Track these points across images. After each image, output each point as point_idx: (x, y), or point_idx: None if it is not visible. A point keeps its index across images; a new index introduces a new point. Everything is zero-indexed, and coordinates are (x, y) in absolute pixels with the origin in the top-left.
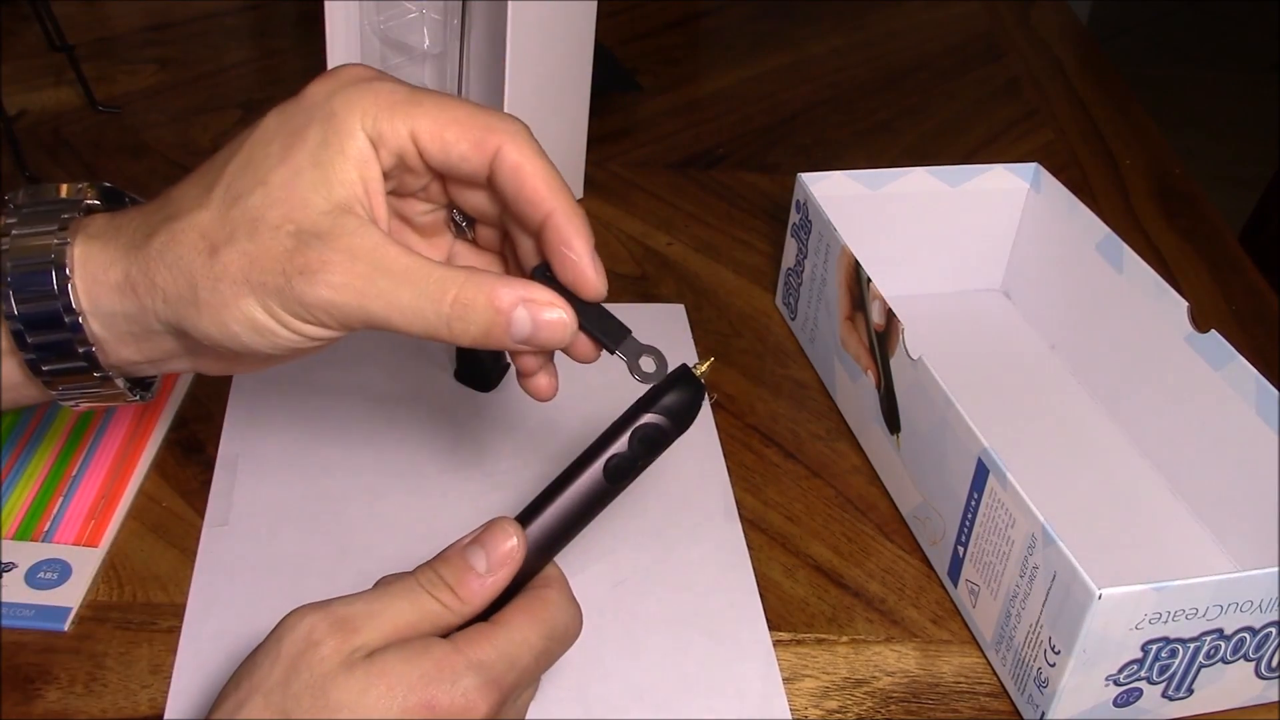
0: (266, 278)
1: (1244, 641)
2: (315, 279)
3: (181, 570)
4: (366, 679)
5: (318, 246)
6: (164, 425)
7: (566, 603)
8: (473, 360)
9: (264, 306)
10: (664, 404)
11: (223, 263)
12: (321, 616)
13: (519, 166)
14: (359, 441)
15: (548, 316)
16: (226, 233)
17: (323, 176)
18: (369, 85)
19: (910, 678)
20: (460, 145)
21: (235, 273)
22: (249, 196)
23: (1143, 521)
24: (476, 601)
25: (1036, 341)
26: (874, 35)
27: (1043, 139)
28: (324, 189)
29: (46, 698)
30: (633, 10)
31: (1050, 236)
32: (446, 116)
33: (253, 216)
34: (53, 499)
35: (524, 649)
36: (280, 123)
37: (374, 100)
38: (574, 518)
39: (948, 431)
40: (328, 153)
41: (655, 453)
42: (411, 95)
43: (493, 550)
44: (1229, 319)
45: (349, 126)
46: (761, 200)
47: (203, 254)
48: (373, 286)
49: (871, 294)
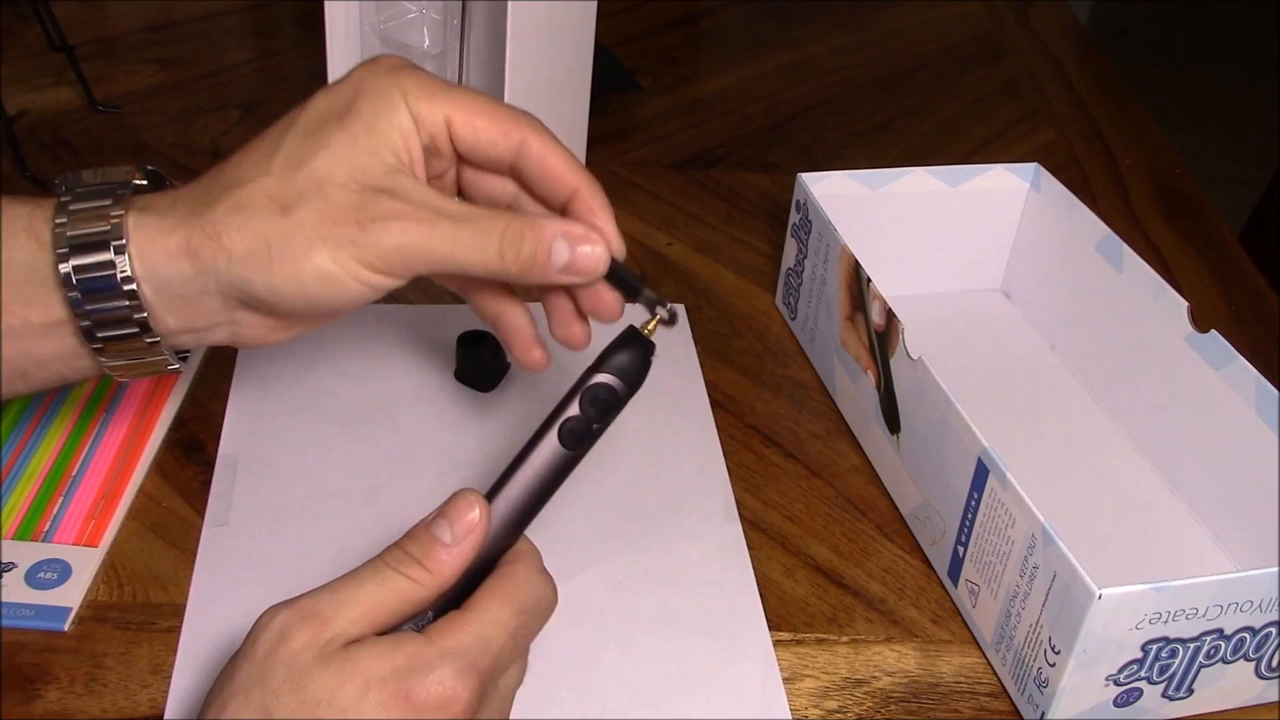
0: (341, 229)
1: (1244, 641)
2: (388, 225)
3: (181, 570)
4: (341, 673)
5: (385, 199)
6: (164, 425)
7: (534, 575)
8: (473, 360)
9: (335, 258)
10: (612, 364)
11: (296, 219)
12: (292, 611)
13: (544, 154)
14: (359, 441)
15: (583, 248)
16: (295, 193)
17: (378, 143)
18: (410, 71)
19: (910, 678)
20: (490, 133)
21: (310, 227)
22: (313, 160)
23: (1143, 521)
24: (446, 572)
25: (1036, 341)
26: (874, 35)
27: (1043, 139)
28: (380, 154)
29: (46, 698)
30: (633, 10)
31: (1050, 236)
32: (477, 107)
33: (320, 178)
34: (53, 499)
35: (497, 629)
36: (330, 100)
37: (415, 84)
38: (536, 486)
39: (948, 431)
40: (380, 123)
41: (609, 414)
42: (446, 86)
43: (456, 520)
44: (1229, 319)
45: (396, 103)
46: (761, 200)
47: (274, 214)
48: (437, 229)
49: (871, 294)
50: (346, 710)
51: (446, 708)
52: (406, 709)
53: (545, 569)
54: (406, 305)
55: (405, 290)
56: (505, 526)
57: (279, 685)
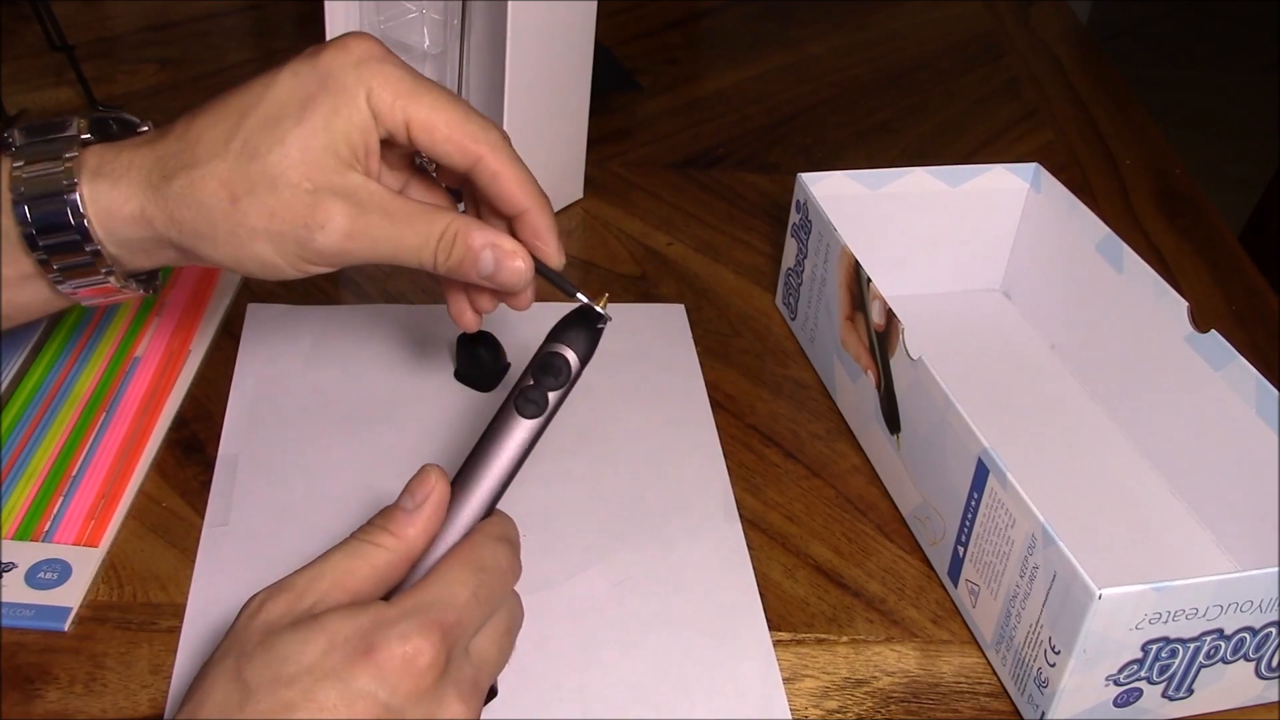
0: (285, 229)
1: (1244, 641)
2: (331, 231)
3: (181, 570)
4: (308, 632)
5: (332, 201)
6: (164, 425)
7: (490, 539)
8: (473, 360)
9: (278, 251)
10: (563, 335)
11: (243, 210)
12: (269, 589)
13: (498, 174)
14: (359, 441)
15: (510, 263)
16: (247, 185)
17: (334, 141)
18: (378, 66)
19: (910, 678)
20: (446, 145)
21: (255, 222)
22: (268, 155)
23: (1143, 521)
24: (409, 533)
25: (1036, 341)
26: (874, 35)
27: (1043, 139)
28: (334, 153)
29: (46, 698)
30: (633, 10)
31: (1050, 236)
32: (440, 116)
33: (272, 174)
34: (53, 499)
35: (455, 585)
36: (295, 86)
37: (381, 82)
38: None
39: (948, 431)
40: (338, 120)
41: (559, 378)
42: (413, 86)
43: (416, 488)
44: (1229, 319)
45: (357, 101)
46: (761, 200)
47: (224, 200)
48: (381, 232)
49: (871, 294)
50: (312, 668)
51: (412, 663)
52: (369, 665)
53: (504, 535)
54: (406, 305)
55: (405, 290)
56: (474, 500)
57: (252, 648)
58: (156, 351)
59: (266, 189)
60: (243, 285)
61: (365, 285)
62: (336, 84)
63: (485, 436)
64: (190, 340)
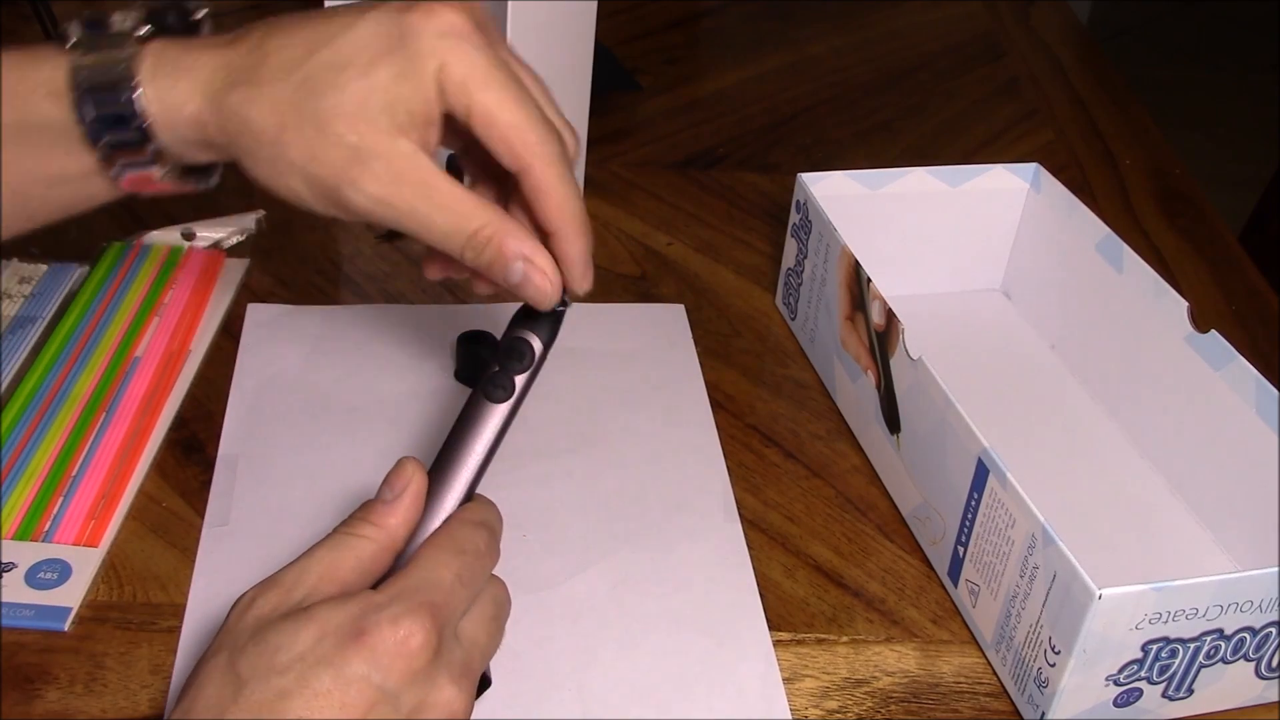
0: (320, 173)
1: (1244, 641)
2: (362, 191)
3: (181, 570)
4: (299, 622)
5: (372, 161)
6: (164, 425)
7: (468, 524)
8: (473, 360)
9: (310, 191)
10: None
11: (287, 142)
12: (258, 586)
13: (540, 189)
14: (359, 441)
15: (539, 281)
16: (296, 119)
17: (392, 103)
18: (459, 42)
19: (910, 678)
20: (499, 144)
21: (295, 156)
22: (324, 96)
23: (1143, 521)
24: (390, 523)
25: (1036, 341)
26: (874, 35)
27: (1043, 139)
28: (390, 114)
29: (46, 698)
30: (633, 10)
31: (1050, 236)
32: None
33: (323, 117)
34: (53, 499)
35: (439, 568)
36: (372, 36)
37: (456, 59)
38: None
39: (948, 431)
40: (402, 85)
41: (523, 361)
42: (488, 73)
43: (394, 480)
44: (1229, 319)
45: (426, 71)
46: (761, 200)
47: (272, 127)
48: (412, 207)
49: (871, 294)
50: (304, 655)
51: (404, 645)
52: (362, 649)
53: (483, 520)
54: (406, 305)
55: (405, 290)
56: (451, 487)
57: (244, 642)
58: (156, 351)
59: (314, 129)
60: (243, 285)
61: (365, 285)
62: (411, 48)
63: (458, 425)
64: (190, 340)
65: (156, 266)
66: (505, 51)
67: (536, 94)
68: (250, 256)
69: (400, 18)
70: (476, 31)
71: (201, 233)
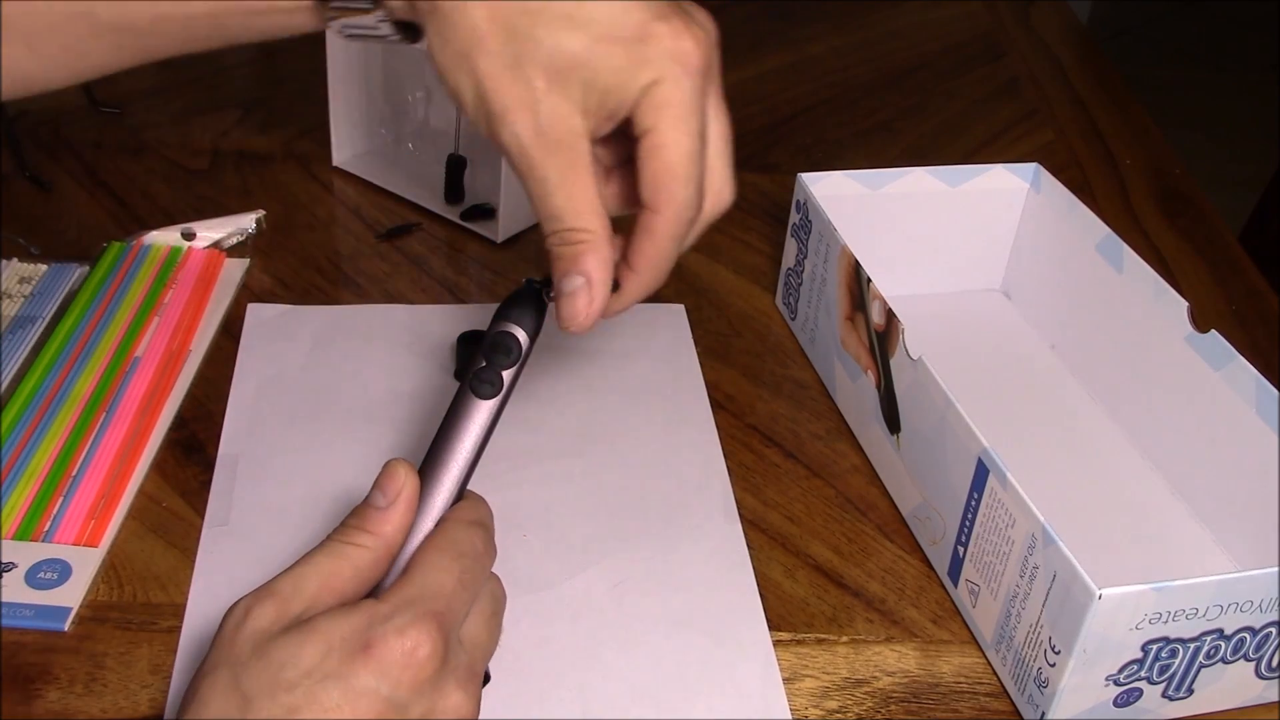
0: (493, 96)
1: (1244, 641)
2: (514, 133)
3: (181, 570)
4: (303, 637)
5: (540, 119)
6: (164, 425)
7: (464, 525)
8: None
9: (473, 100)
10: (509, 314)
11: (481, 51)
12: (253, 596)
13: (651, 233)
14: (359, 442)
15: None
16: (504, 37)
17: (594, 83)
18: (680, 73)
19: (910, 678)
20: (649, 176)
21: (481, 67)
22: (542, 38)
23: (1143, 521)
24: (386, 530)
25: (1036, 341)
26: (874, 35)
27: (1043, 139)
28: (585, 91)
29: (46, 698)
30: None
31: (1050, 236)
32: (669, 156)
33: (527, 55)
34: (53, 499)
35: (440, 574)
36: (623, 16)
37: (667, 87)
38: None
39: (948, 431)
40: (614, 76)
41: (509, 356)
42: (681, 112)
43: (387, 485)
44: (1229, 319)
45: (640, 81)
46: (761, 200)
47: (478, 27)
48: (545, 175)
49: (871, 294)
50: (311, 670)
51: (412, 656)
52: (369, 661)
53: (478, 519)
54: (406, 305)
55: (405, 290)
56: (441, 486)
57: (246, 657)
58: (156, 351)
59: (513, 57)
60: (243, 285)
61: (365, 285)
62: (644, 52)
63: (446, 422)
64: (190, 340)
65: (156, 266)
66: (714, 97)
67: (716, 148)
68: (250, 256)
69: (653, 20)
70: (701, 72)
71: (201, 233)
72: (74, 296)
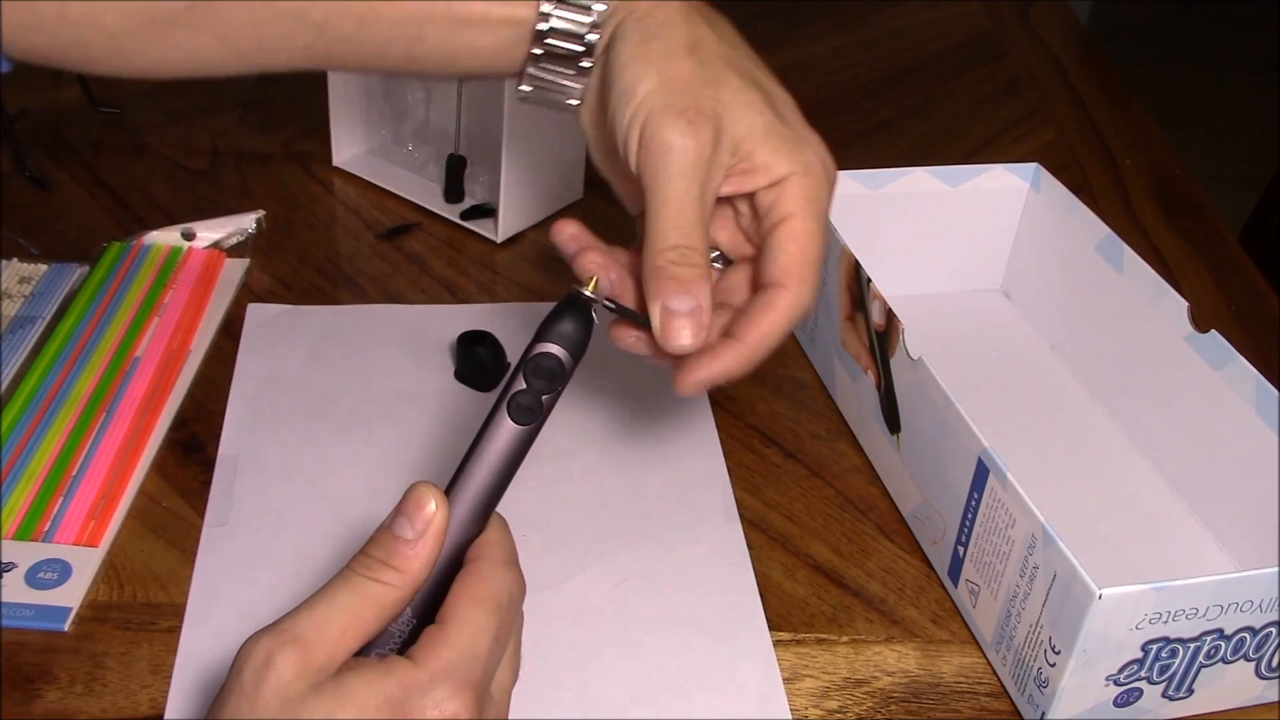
0: (675, 90)
1: (1244, 641)
2: (678, 134)
3: (181, 570)
4: (334, 700)
5: (700, 155)
6: (164, 425)
7: (500, 569)
8: (473, 360)
9: (650, 88)
10: (554, 332)
11: (675, 56)
12: (274, 638)
13: (772, 305)
14: (359, 441)
15: (695, 323)
16: (702, 57)
17: (738, 160)
18: (821, 185)
19: (910, 678)
20: (785, 254)
21: (667, 66)
22: (732, 79)
23: (1143, 521)
24: (414, 567)
25: (1036, 341)
26: (874, 35)
27: (1043, 139)
28: (720, 165)
29: (46, 698)
30: None
31: (1050, 236)
32: (809, 246)
33: (718, 79)
34: (53, 499)
35: (480, 637)
36: (793, 120)
37: (812, 192)
38: (494, 467)
39: (948, 431)
40: (757, 171)
41: (555, 383)
42: (819, 210)
43: (414, 515)
44: (1229, 319)
45: (776, 176)
46: None
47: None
48: (689, 187)
49: (871, 294)
50: None
51: None
52: None
53: (512, 557)
54: (406, 305)
55: (405, 290)
56: (470, 513)
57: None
58: (156, 351)
59: (707, 74)
60: (243, 285)
61: (365, 285)
62: (799, 144)
63: (478, 444)
64: (190, 340)
65: (156, 266)
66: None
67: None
68: (250, 256)
69: (811, 132)
70: (832, 184)
71: (201, 233)
72: (74, 296)
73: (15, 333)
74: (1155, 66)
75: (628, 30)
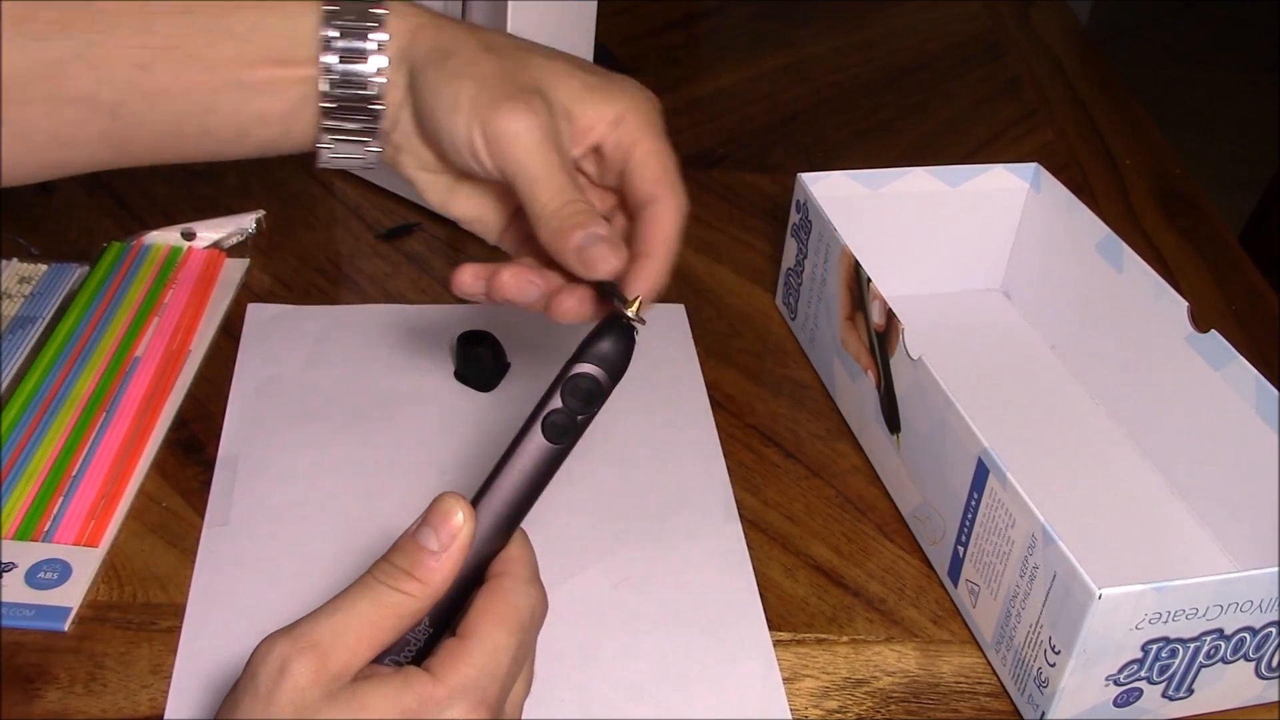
0: (497, 112)
1: (1244, 641)
2: (513, 134)
3: (181, 570)
4: (349, 711)
5: (543, 142)
6: (164, 425)
7: (524, 586)
8: (473, 360)
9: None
10: (593, 352)
11: (481, 86)
12: (290, 642)
13: (657, 218)
14: (359, 441)
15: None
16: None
17: (573, 132)
18: (652, 113)
19: (910, 678)
20: (646, 171)
21: (477, 95)
22: (535, 83)
23: (1143, 521)
24: (436, 580)
25: (1036, 341)
26: (874, 35)
27: (1043, 139)
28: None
29: (46, 698)
30: (633, 10)
31: (1050, 236)
32: (660, 161)
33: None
34: (53, 499)
35: (500, 655)
36: (592, 74)
37: (645, 124)
38: (523, 484)
39: (948, 431)
40: (574, 124)
41: (592, 404)
42: (658, 132)
43: (440, 526)
44: (1229, 319)
45: (600, 118)
46: (761, 200)
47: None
48: (547, 160)
49: (871, 294)
50: None
51: None
52: None
53: (535, 573)
54: (406, 305)
55: (405, 290)
56: (495, 527)
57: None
58: (156, 351)
59: (512, 86)
60: (243, 285)
61: (365, 285)
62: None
63: (508, 460)
64: (190, 340)
65: (156, 266)
66: None
67: None
68: (250, 256)
69: (618, 90)
70: (659, 110)
71: (201, 233)
72: (74, 297)
73: (15, 333)
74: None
75: (424, 63)
